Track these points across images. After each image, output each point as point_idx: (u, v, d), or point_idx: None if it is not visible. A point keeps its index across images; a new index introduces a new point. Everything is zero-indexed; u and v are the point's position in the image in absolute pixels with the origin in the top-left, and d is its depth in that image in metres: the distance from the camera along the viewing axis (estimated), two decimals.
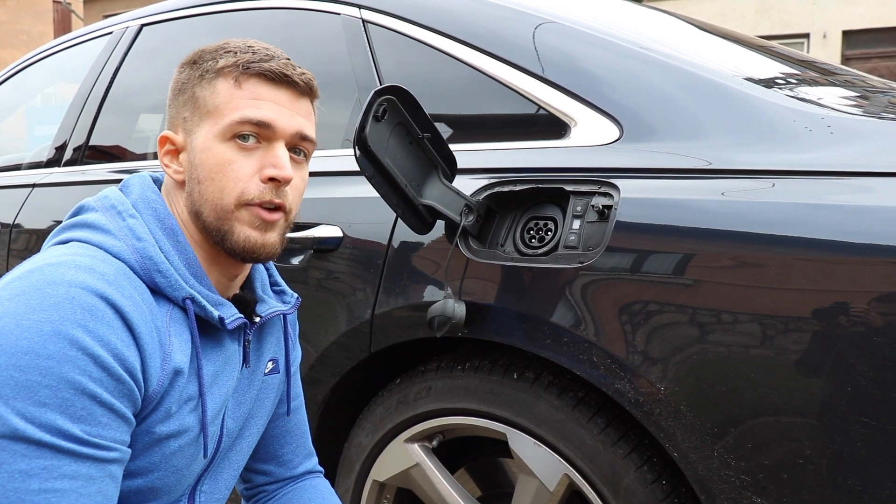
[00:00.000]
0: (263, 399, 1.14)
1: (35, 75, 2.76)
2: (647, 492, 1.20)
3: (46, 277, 0.83)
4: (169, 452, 0.94)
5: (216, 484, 1.09)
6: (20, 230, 2.20)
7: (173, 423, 0.93)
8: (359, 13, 1.72)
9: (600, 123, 1.31)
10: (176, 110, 1.03)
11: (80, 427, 0.81)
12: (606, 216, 1.21)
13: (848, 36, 12.91)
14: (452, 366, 1.42)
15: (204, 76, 0.99)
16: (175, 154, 1.02)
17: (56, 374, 0.79)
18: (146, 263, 0.93)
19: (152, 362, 0.88)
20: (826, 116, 1.17)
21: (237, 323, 1.00)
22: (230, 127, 0.97)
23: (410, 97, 1.26)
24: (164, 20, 2.24)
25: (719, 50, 1.64)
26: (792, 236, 1.05)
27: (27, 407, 0.78)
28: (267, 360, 1.14)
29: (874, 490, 0.99)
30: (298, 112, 1.01)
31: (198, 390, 0.96)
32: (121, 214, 0.96)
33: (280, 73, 0.99)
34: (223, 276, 1.04)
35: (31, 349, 0.79)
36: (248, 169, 0.97)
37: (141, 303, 0.89)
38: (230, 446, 1.09)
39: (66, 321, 0.81)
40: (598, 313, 1.18)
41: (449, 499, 1.42)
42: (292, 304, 1.15)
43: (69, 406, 0.80)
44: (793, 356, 1.03)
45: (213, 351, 1.00)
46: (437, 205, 1.30)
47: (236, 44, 1.01)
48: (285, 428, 1.25)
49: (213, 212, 0.97)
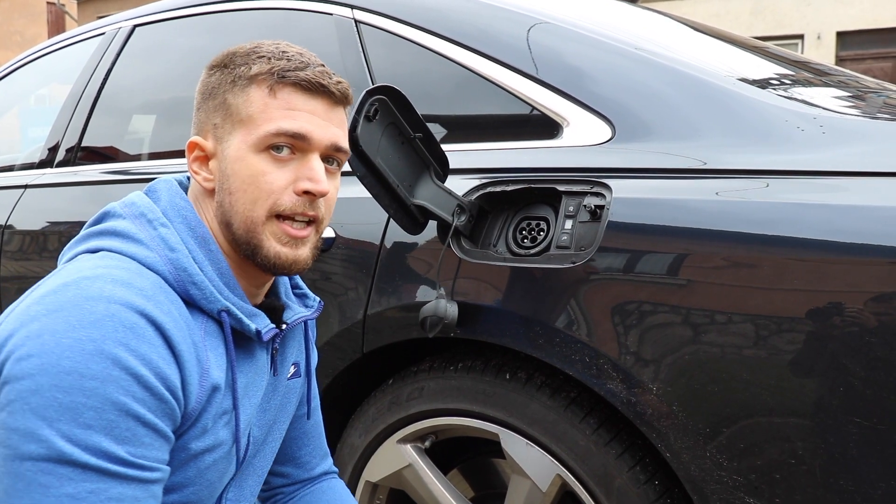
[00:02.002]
0: (286, 404, 1.13)
1: (28, 76, 2.75)
2: (639, 492, 1.19)
3: (84, 293, 0.82)
4: (204, 467, 0.93)
5: (241, 491, 1.08)
6: (13, 231, 2.19)
7: (209, 438, 0.92)
8: (351, 13, 1.72)
9: (592, 123, 1.31)
10: (205, 115, 0.99)
11: (125, 448, 0.80)
12: (598, 216, 1.21)
13: (842, 37, 12.94)
14: (445, 366, 1.41)
15: (236, 82, 0.96)
16: (205, 161, 0.99)
17: (100, 396, 0.78)
18: (180, 275, 0.91)
19: (191, 379, 0.87)
20: (818, 116, 1.17)
21: (272, 334, 0.98)
22: (265, 138, 0.94)
23: (402, 97, 1.26)
24: (156, 21, 2.23)
25: (713, 50, 1.64)
26: (785, 236, 1.04)
27: (72, 429, 0.77)
28: (290, 365, 1.12)
29: (866, 490, 0.99)
30: (333, 122, 0.98)
31: (231, 404, 0.95)
32: (151, 223, 0.94)
33: (316, 82, 0.95)
34: (252, 284, 1.02)
35: (74, 369, 0.77)
36: (282, 181, 0.95)
37: (179, 318, 0.88)
38: (255, 453, 1.08)
39: (108, 340, 0.79)
40: (590, 313, 1.18)
41: (442, 499, 1.41)
42: (315, 308, 1.13)
43: (114, 428, 0.79)
44: (785, 356, 1.03)
45: (246, 362, 0.99)
46: (429, 205, 1.29)
47: (269, 48, 0.98)
48: (303, 430, 1.24)
49: (243, 224, 0.95)
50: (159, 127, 2.23)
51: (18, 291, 2.05)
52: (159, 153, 2.12)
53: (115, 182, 2.08)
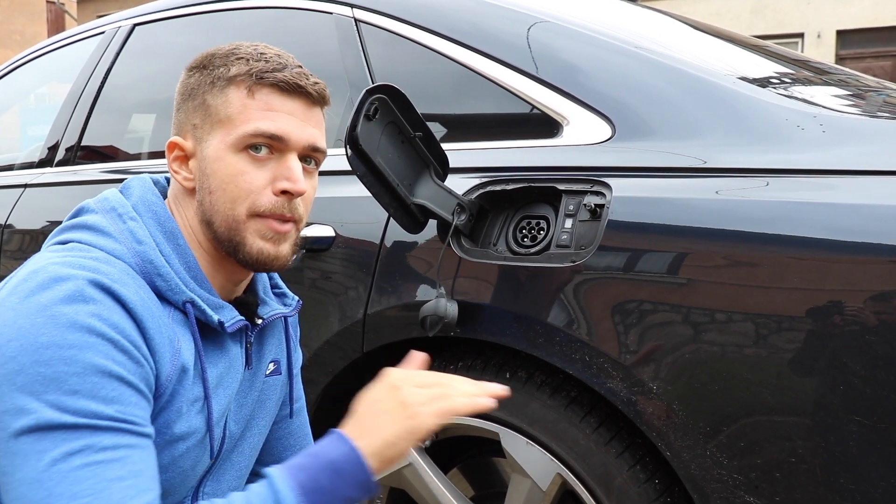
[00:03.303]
0: (265, 401, 1.14)
1: (28, 75, 2.75)
2: (639, 491, 1.19)
3: (52, 275, 0.84)
4: (177, 454, 0.95)
5: (219, 485, 1.08)
6: (12, 230, 2.19)
7: (184, 423, 0.94)
8: (351, 12, 1.71)
9: (592, 122, 1.31)
10: (185, 115, 1.01)
11: (114, 407, 0.82)
12: (599, 215, 1.21)
13: (842, 36, 12.95)
14: (445, 365, 1.41)
15: (215, 83, 0.98)
16: (184, 160, 1.01)
17: (81, 361, 0.80)
18: (147, 267, 0.93)
19: (161, 355, 0.89)
20: (818, 115, 1.17)
21: (237, 326, 1.00)
22: (243, 139, 0.95)
23: (402, 96, 1.26)
24: (156, 20, 2.23)
25: (713, 49, 1.64)
26: (785, 235, 1.05)
27: (59, 397, 0.79)
28: (268, 362, 1.13)
29: (866, 489, 0.99)
30: (310, 122, 1.00)
31: (203, 392, 0.96)
32: (121, 217, 0.96)
33: (294, 83, 0.97)
34: (228, 280, 1.04)
35: (51, 342, 0.80)
36: (261, 180, 0.96)
37: (147, 300, 0.90)
38: (232, 448, 1.09)
39: (80, 312, 0.82)
40: (590, 312, 1.18)
41: (442, 499, 1.41)
42: (293, 307, 1.15)
43: (99, 389, 0.81)
44: (786, 355, 1.03)
45: (217, 354, 1.00)
46: (429, 204, 1.29)
47: (247, 49, 0.99)
48: (288, 430, 1.25)
49: (224, 222, 0.97)
50: (159, 126, 2.23)
51: None
52: (159, 152, 2.12)
53: (115, 181, 2.07)
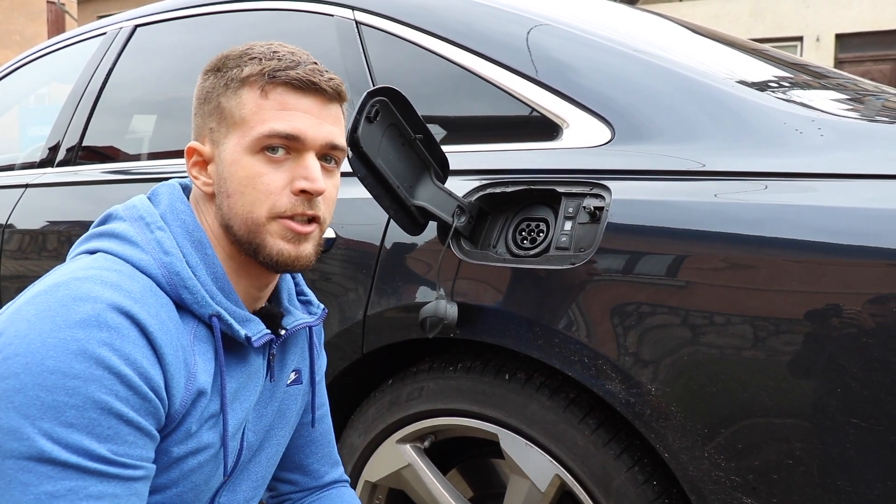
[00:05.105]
0: (285, 411, 1.12)
1: (28, 76, 2.76)
2: (637, 492, 1.20)
3: (72, 293, 0.83)
4: (188, 469, 0.93)
5: (234, 496, 1.07)
6: (13, 230, 2.19)
7: (192, 442, 0.92)
8: (352, 15, 1.72)
9: (592, 125, 1.32)
10: (202, 120, 1.00)
11: (107, 447, 0.80)
12: (598, 217, 1.21)
13: (841, 39, 12.96)
14: (444, 367, 1.42)
15: (229, 85, 0.96)
16: (203, 165, 0.99)
17: (83, 395, 0.78)
18: (173, 279, 0.91)
19: (176, 382, 0.88)
20: (817, 119, 1.18)
21: (264, 340, 0.98)
22: (258, 140, 0.94)
23: (403, 98, 1.26)
24: (158, 21, 2.23)
25: (712, 53, 1.65)
26: (784, 238, 1.05)
27: (54, 427, 0.77)
28: (290, 372, 1.12)
29: (864, 491, 0.99)
30: (327, 120, 0.98)
31: (220, 408, 0.95)
32: (149, 226, 0.95)
33: (307, 80, 0.95)
34: (252, 286, 1.02)
35: (57, 368, 0.78)
36: (279, 182, 0.95)
37: (167, 321, 0.88)
38: (250, 459, 1.08)
39: (92, 340, 0.80)
40: (589, 314, 1.18)
41: (441, 499, 1.42)
42: (318, 316, 1.13)
43: (96, 426, 0.79)
44: (783, 357, 1.03)
45: (238, 366, 0.98)
46: (430, 206, 1.30)
47: (260, 49, 0.98)
48: (310, 438, 1.24)
49: (243, 225, 0.96)
50: (160, 127, 2.24)
51: (18, 290, 2.04)
52: (160, 153, 2.12)
53: (116, 182, 2.08)
